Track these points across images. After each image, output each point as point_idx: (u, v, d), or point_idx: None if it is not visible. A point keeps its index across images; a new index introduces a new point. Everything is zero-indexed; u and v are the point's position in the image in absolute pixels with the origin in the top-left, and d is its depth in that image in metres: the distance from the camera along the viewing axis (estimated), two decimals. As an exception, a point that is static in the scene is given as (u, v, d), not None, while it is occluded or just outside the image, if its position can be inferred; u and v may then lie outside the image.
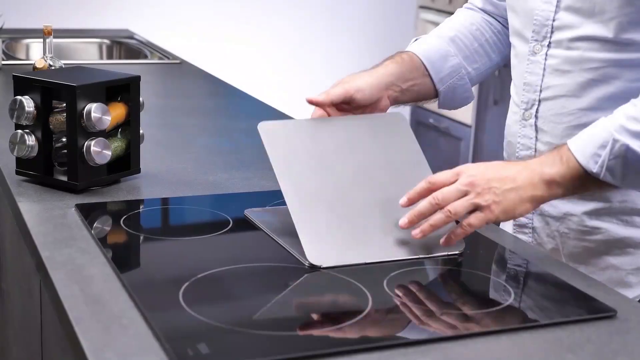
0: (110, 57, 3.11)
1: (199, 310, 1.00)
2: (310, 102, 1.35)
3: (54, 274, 1.09)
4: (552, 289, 1.16)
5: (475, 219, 1.16)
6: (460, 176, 1.17)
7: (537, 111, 1.37)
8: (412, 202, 1.19)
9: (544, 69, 1.35)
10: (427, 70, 1.47)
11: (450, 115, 4.14)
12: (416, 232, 1.17)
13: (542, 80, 1.35)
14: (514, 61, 1.43)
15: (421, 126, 4.42)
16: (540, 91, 1.36)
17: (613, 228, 1.35)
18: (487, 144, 3.92)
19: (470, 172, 1.17)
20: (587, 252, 1.37)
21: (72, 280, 1.08)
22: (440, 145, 4.28)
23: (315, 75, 4.37)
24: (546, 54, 1.34)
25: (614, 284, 1.32)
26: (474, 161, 4.00)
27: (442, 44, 1.50)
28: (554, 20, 1.33)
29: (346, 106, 1.38)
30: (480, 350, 0.95)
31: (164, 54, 2.92)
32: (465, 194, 1.16)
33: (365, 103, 1.38)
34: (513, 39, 1.43)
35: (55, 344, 1.23)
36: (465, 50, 1.51)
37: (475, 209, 1.16)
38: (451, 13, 1.62)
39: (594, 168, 1.16)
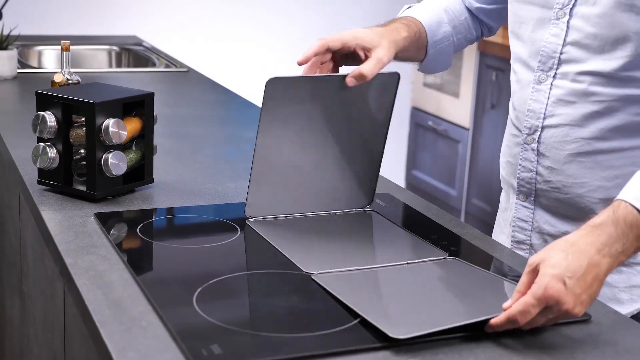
0: (119, 64, 3.17)
1: (211, 314, 1.08)
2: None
3: (77, 280, 1.17)
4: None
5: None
6: (553, 309, 1.05)
7: (539, 137, 1.41)
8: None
9: (548, 98, 1.39)
10: (425, 33, 1.53)
11: (449, 118, 4.21)
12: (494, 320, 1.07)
13: (545, 109, 1.39)
14: (515, 86, 1.48)
15: (420, 128, 4.50)
16: (544, 118, 1.40)
17: None
18: (484, 147, 3.99)
19: (564, 306, 1.04)
20: None
21: (95, 286, 1.16)
22: (438, 147, 4.35)
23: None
24: (551, 84, 1.38)
25: (607, 300, 1.36)
26: (470, 163, 4.08)
27: (437, 12, 1.57)
28: (561, 54, 1.36)
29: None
30: (464, 351, 1.03)
31: (171, 61, 2.97)
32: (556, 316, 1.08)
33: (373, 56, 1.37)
34: (515, 65, 1.47)
35: (79, 344, 1.30)
36: (455, 21, 1.58)
37: None
38: None
39: None
